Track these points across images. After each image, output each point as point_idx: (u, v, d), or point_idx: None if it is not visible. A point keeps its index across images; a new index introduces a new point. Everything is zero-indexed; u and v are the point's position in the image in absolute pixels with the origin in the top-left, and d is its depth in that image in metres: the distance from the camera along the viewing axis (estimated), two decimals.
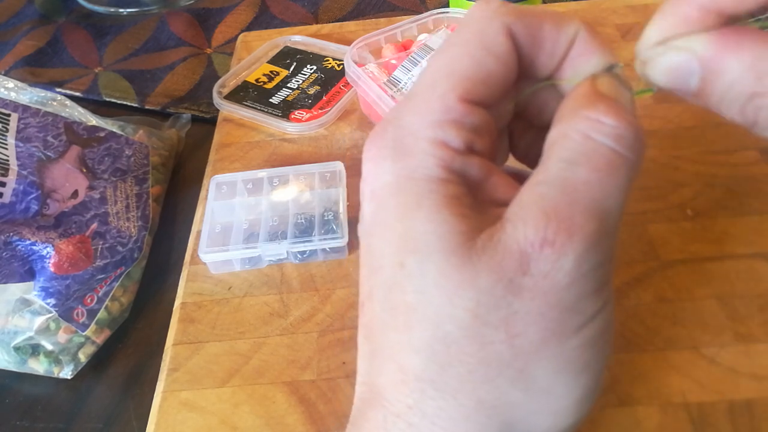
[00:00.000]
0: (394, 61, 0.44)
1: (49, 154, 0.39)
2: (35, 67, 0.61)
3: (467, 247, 0.18)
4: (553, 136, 0.19)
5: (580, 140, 0.18)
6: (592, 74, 0.20)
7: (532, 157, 0.24)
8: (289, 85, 0.50)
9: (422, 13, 0.48)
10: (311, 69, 0.51)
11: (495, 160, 0.21)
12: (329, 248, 0.37)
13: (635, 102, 0.20)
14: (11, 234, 0.35)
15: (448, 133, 0.19)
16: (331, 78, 0.50)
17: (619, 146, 0.18)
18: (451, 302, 0.18)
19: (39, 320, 0.36)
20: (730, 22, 0.18)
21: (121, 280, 0.39)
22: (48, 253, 0.35)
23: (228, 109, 0.48)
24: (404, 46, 0.47)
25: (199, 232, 0.40)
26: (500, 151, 0.24)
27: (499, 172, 0.20)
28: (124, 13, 0.67)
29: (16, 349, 0.36)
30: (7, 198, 0.36)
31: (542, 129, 0.21)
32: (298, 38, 0.55)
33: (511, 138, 0.24)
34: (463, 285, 0.18)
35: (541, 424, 0.19)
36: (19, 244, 0.35)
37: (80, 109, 0.44)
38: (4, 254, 0.35)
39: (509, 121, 0.23)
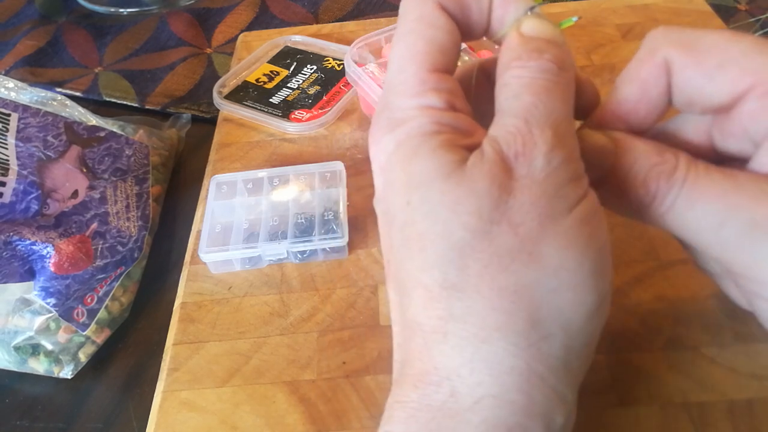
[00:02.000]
0: None
1: (49, 153, 0.39)
2: (35, 67, 0.61)
3: (461, 169, 0.21)
4: (497, 88, 0.22)
5: (516, 81, 0.22)
6: (515, 20, 0.23)
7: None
8: (289, 85, 0.50)
9: None
10: (311, 69, 0.51)
11: (477, 120, 0.24)
12: (329, 248, 0.37)
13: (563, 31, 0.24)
14: (11, 234, 0.35)
15: (430, 99, 0.22)
16: (331, 78, 0.50)
17: (546, 75, 0.21)
18: (456, 211, 0.20)
19: (39, 320, 0.36)
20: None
21: (121, 279, 0.39)
22: (48, 252, 0.35)
23: (228, 109, 0.48)
24: None
25: (199, 232, 0.40)
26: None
27: (482, 129, 0.23)
28: (125, 13, 0.67)
29: (16, 348, 0.36)
30: (7, 198, 0.36)
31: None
32: (298, 38, 0.55)
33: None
34: (465, 194, 0.20)
35: (566, 301, 0.20)
36: (19, 244, 0.35)
37: (80, 109, 0.44)
38: (4, 254, 0.35)
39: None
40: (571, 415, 0.22)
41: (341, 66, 0.51)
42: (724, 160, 0.24)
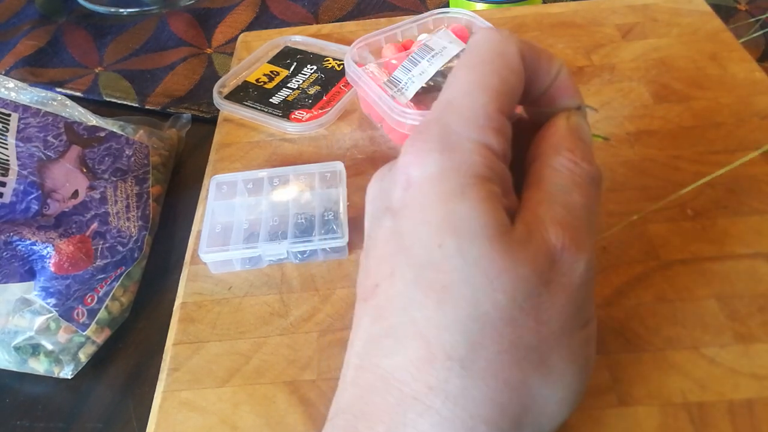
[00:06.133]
0: (394, 61, 0.44)
1: (49, 154, 0.39)
2: (35, 67, 0.61)
3: (508, 238, 0.20)
4: (541, 162, 0.23)
5: (568, 175, 0.22)
6: (566, 109, 0.24)
7: None
8: (289, 85, 0.50)
9: (422, 12, 0.48)
10: (311, 69, 0.51)
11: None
12: (329, 248, 0.37)
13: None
14: (11, 234, 0.35)
15: (491, 139, 0.21)
16: (331, 78, 0.50)
17: (593, 185, 0.22)
18: (492, 284, 0.19)
19: (39, 320, 0.36)
20: None
21: (121, 279, 0.39)
22: (48, 253, 0.36)
23: (228, 109, 0.48)
24: (404, 46, 0.47)
25: (199, 232, 0.40)
26: None
27: (513, 192, 0.22)
28: (125, 13, 0.67)
29: (17, 348, 0.36)
30: (7, 198, 0.36)
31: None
32: (299, 38, 0.55)
33: None
34: (506, 270, 0.19)
35: (549, 411, 0.20)
36: (19, 244, 0.35)
37: (80, 109, 0.44)
38: (4, 254, 0.35)
39: None
40: None
41: (341, 66, 0.51)
42: None
